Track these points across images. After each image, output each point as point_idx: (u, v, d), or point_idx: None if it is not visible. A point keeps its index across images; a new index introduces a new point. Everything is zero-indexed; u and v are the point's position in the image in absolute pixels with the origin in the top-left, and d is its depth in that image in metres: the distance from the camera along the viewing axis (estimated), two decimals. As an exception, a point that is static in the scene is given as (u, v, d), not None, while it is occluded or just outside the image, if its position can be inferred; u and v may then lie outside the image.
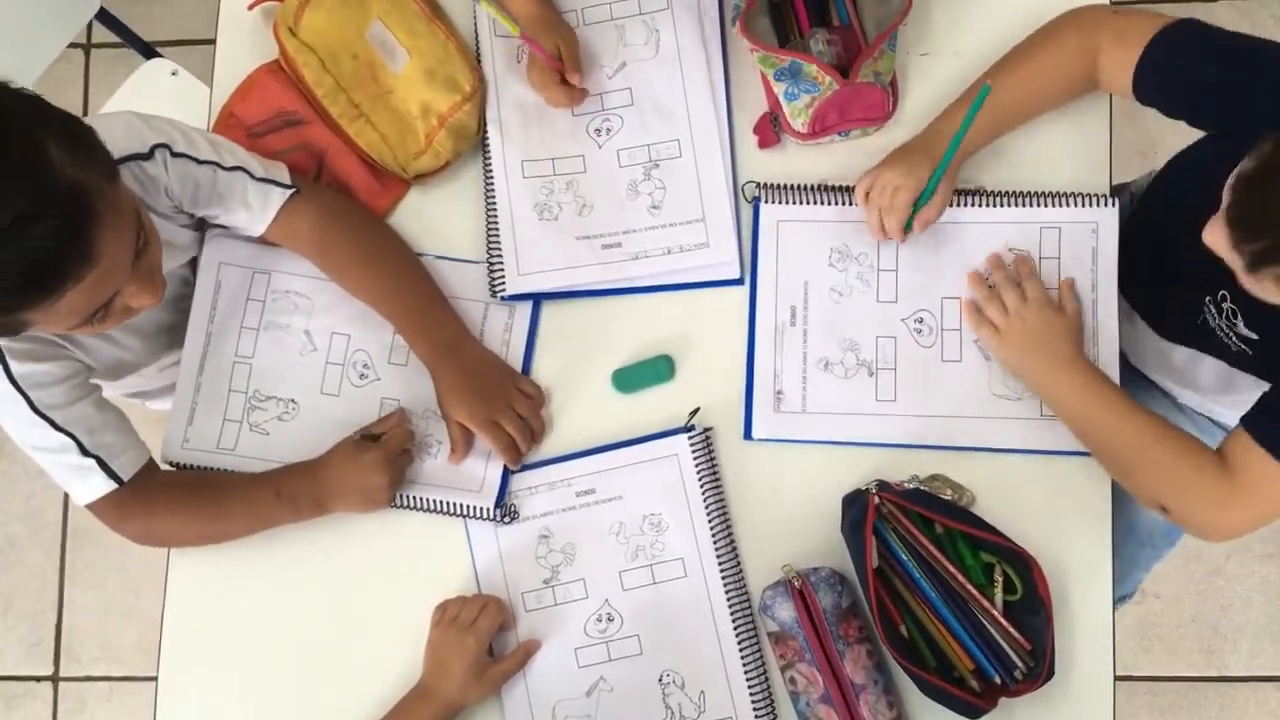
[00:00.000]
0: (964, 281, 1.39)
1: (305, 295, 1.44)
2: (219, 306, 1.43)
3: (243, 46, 1.51)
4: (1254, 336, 1.30)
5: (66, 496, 2.33)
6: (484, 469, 1.39)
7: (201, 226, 1.42)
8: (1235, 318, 1.31)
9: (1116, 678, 1.36)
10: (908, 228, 1.37)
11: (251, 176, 1.34)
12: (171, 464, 1.42)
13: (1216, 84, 1.24)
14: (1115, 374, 1.36)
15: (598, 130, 1.46)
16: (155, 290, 1.18)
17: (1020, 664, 1.27)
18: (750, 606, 1.36)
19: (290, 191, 1.36)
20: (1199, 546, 2.19)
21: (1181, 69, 1.27)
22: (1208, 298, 1.33)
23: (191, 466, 1.42)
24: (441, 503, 1.39)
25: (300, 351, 1.43)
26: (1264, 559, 2.24)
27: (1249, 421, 1.24)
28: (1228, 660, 2.23)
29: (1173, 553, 1.62)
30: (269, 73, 1.47)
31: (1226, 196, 1.06)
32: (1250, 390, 1.35)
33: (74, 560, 2.37)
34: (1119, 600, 1.41)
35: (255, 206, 1.34)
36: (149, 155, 1.26)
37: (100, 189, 1.06)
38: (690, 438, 1.38)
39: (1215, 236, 1.09)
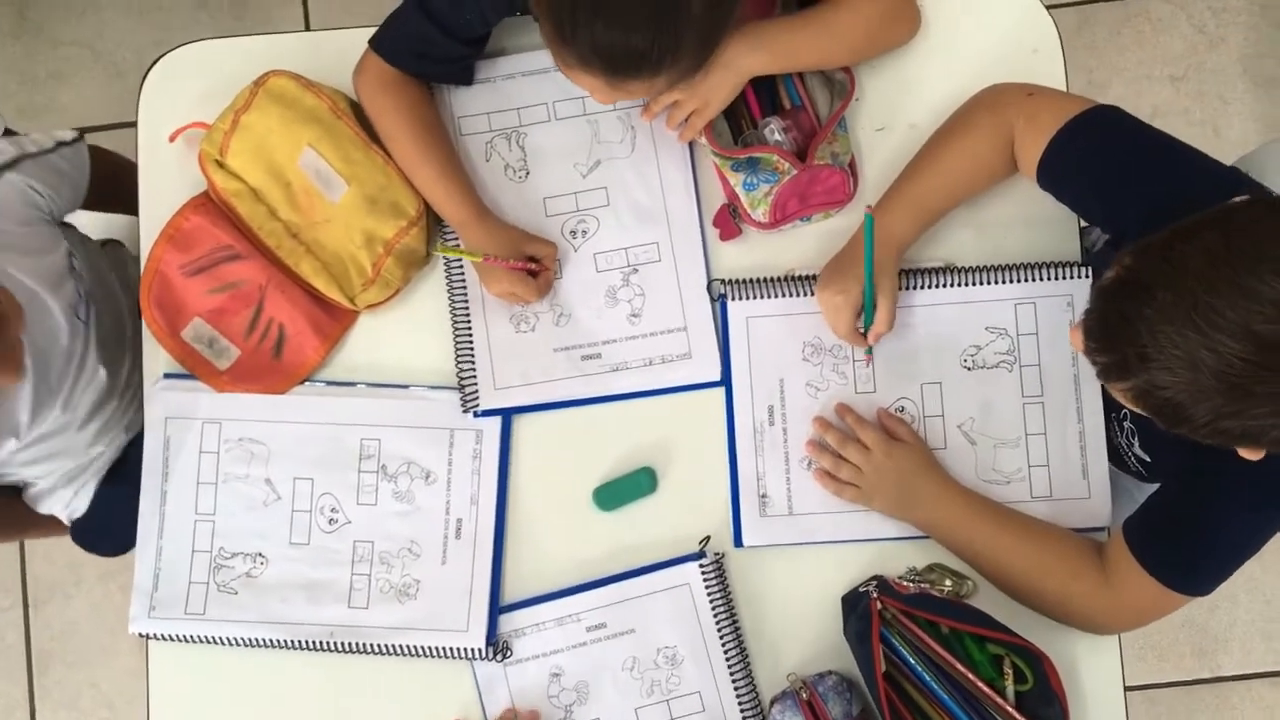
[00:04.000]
0: (945, 366, 1.36)
1: (260, 441, 1.37)
2: (171, 464, 1.36)
3: (168, 178, 1.42)
4: (1147, 459, 1.29)
5: (28, 617, 2.25)
6: (467, 607, 1.34)
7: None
8: (1133, 438, 1.30)
9: None
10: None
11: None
12: (142, 635, 1.35)
13: (1108, 188, 1.21)
14: (1102, 446, 1.34)
15: (573, 232, 1.40)
16: (12, 369, 1.15)
17: (1038, 758, 1.25)
18: (763, 724, 1.33)
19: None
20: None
21: (1081, 165, 1.24)
22: (1113, 414, 1.32)
23: (162, 636, 1.35)
24: (427, 648, 1.34)
25: (264, 501, 1.37)
26: (1247, 559, 2.25)
27: (1127, 531, 1.24)
28: (1220, 661, 2.24)
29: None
30: (199, 207, 1.39)
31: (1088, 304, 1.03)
32: None
33: (43, 682, 2.29)
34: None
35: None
36: None
37: None
38: (702, 565, 1.33)
39: (1076, 342, 1.06)
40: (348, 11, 2.37)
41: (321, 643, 1.34)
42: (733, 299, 1.38)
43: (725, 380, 1.37)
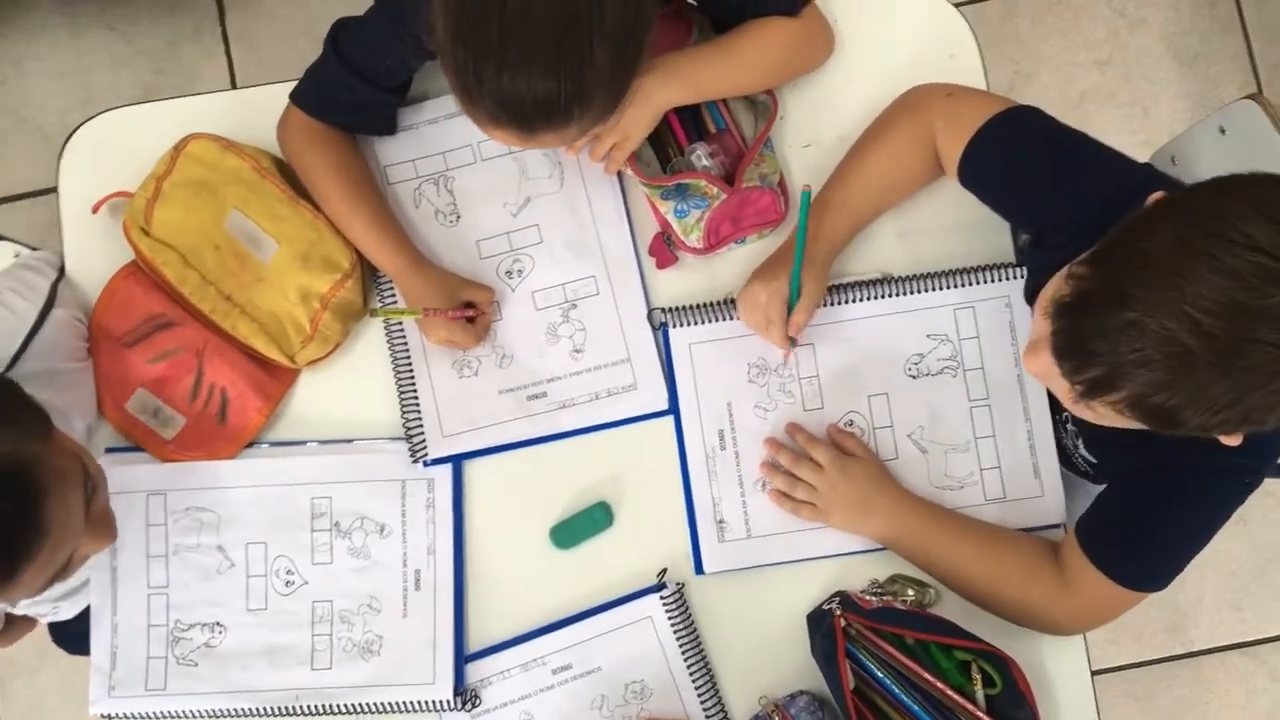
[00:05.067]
0: (890, 376, 1.36)
1: (208, 509, 1.35)
2: (119, 540, 1.33)
3: (95, 248, 1.40)
4: (1093, 460, 1.30)
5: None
6: (432, 658, 1.33)
7: None
8: (1077, 439, 1.31)
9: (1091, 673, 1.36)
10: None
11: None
12: (104, 716, 1.33)
13: (1026, 186, 1.22)
14: (1051, 444, 1.35)
15: (509, 272, 1.39)
16: (110, 533, 1.13)
17: (1012, 760, 1.25)
18: (739, 750, 1.32)
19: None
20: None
21: (1000, 164, 1.25)
22: (1056, 416, 1.33)
23: (124, 716, 1.33)
24: (395, 704, 1.32)
25: (217, 569, 1.35)
26: (1210, 532, 2.27)
27: (1079, 532, 1.25)
28: (1193, 635, 2.26)
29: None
30: (128, 276, 1.37)
31: (1046, 324, 1.02)
32: None
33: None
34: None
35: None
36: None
37: (38, 457, 0.99)
38: (663, 597, 1.33)
39: (1039, 365, 1.05)
40: (274, 65, 2.35)
41: (287, 708, 1.32)
42: (674, 326, 1.37)
43: (673, 408, 1.37)
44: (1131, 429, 1.06)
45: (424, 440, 1.36)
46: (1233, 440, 1.01)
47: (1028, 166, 1.23)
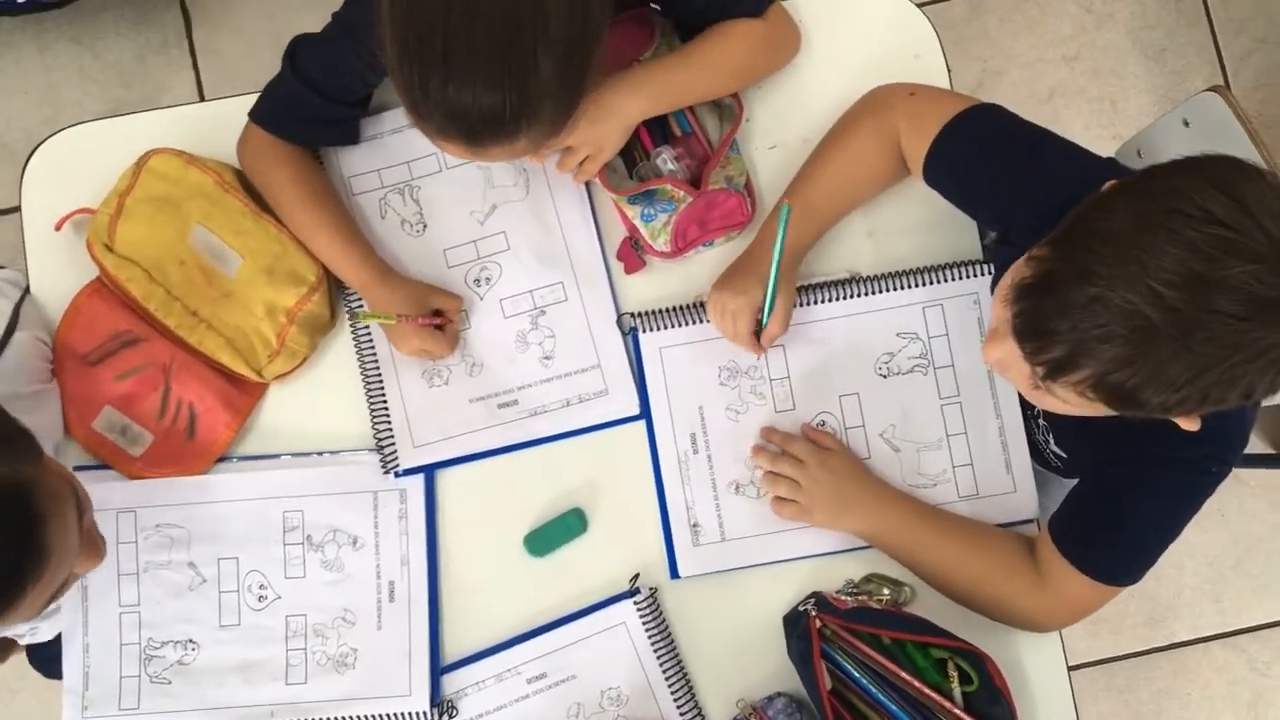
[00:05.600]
0: (861, 375, 1.36)
1: (179, 525, 1.34)
2: (90, 558, 1.33)
3: (59, 266, 1.39)
4: (1064, 455, 1.30)
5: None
6: (408, 670, 1.32)
7: None
8: (1048, 435, 1.31)
9: (1070, 668, 1.36)
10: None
11: None
12: (77, 737, 1.32)
13: (991, 183, 1.22)
14: (1022, 440, 1.35)
15: (476, 280, 1.39)
16: (100, 553, 1.12)
17: (990, 757, 1.25)
18: (718, 754, 1.32)
19: None
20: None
21: (964, 162, 1.25)
22: (1028, 412, 1.33)
23: (98, 735, 1.32)
24: (371, 717, 1.32)
25: (189, 586, 1.34)
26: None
27: (1053, 529, 1.25)
28: (1173, 627, 2.27)
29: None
30: (93, 293, 1.36)
31: (1006, 310, 1.02)
32: None
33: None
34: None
35: None
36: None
37: (34, 479, 0.98)
38: (636, 602, 1.32)
39: (998, 353, 1.06)
40: (242, 77, 2.34)
41: (262, 724, 1.31)
42: (644, 331, 1.37)
43: (645, 413, 1.37)
44: (1098, 421, 1.06)
45: (395, 451, 1.35)
46: (1191, 424, 1.01)
47: (991, 164, 1.23)
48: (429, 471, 1.36)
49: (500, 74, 1.05)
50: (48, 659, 1.46)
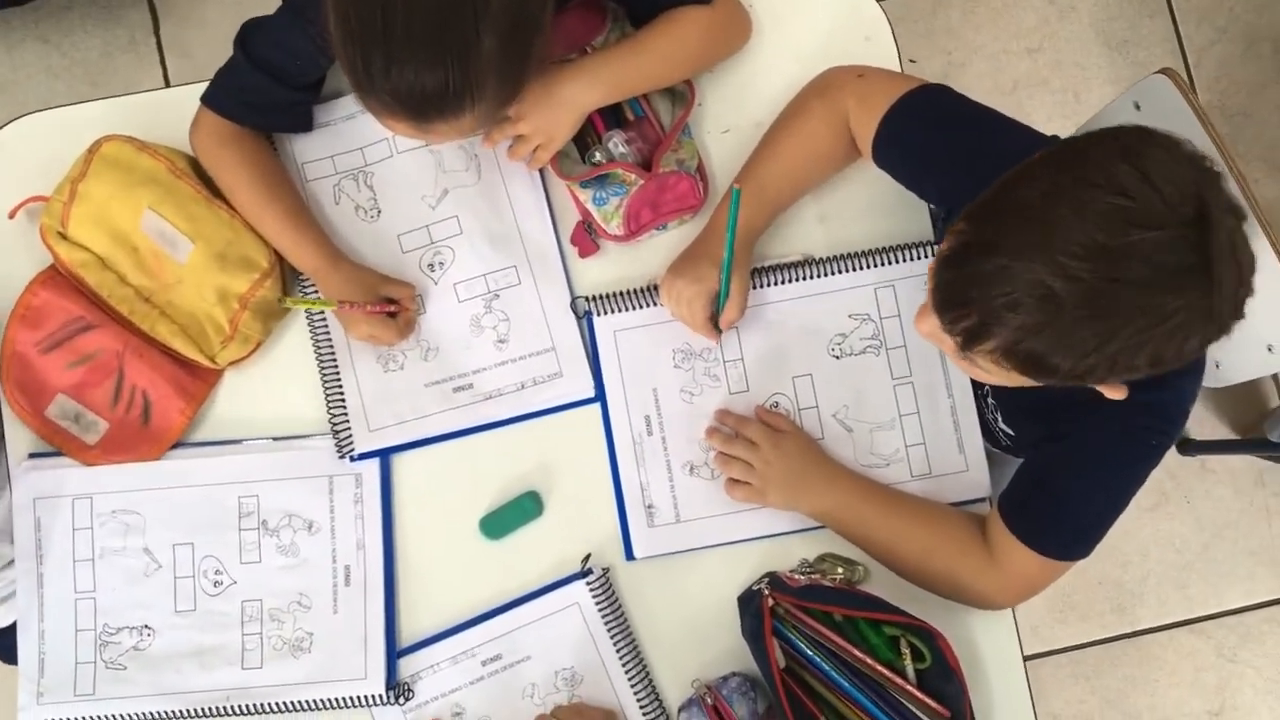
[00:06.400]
0: (814, 357, 1.37)
1: (134, 511, 1.34)
2: (44, 545, 1.33)
3: (13, 255, 1.39)
4: (1011, 432, 1.31)
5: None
6: (364, 653, 1.32)
7: None
8: (996, 412, 1.32)
9: (1025, 657, 1.37)
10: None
11: None
12: (32, 723, 1.32)
13: (938, 163, 1.24)
14: (974, 419, 1.36)
15: (430, 265, 1.39)
16: None
17: (944, 734, 1.26)
18: (674, 735, 1.32)
19: None
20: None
21: (912, 142, 1.26)
22: (978, 391, 1.34)
23: (55, 723, 1.32)
24: (328, 700, 1.32)
25: (144, 572, 1.34)
26: (1150, 511, 2.29)
27: (1001, 506, 1.26)
28: (1139, 614, 2.28)
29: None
30: (46, 281, 1.36)
31: (929, 283, 1.04)
32: None
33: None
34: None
35: None
36: None
37: None
38: (589, 583, 1.33)
39: (927, 326, 1.08)
40: (209, 72, 2.31)
41: (218, 708, 1.31)
42: (598, 314, 1.38)
43: (600, 396, 1.37)
44: (1040, 396, 1.07)
45: (350, 435, 1.35)
46: (1116, 393, 1.03)
47: (937, 142, 1.24)
48: (384, 456, 1.36)
49: (441, 52, 1.06)
50: (3, 646, 1.46)
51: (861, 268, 1.37)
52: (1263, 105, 2.38)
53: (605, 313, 1.38)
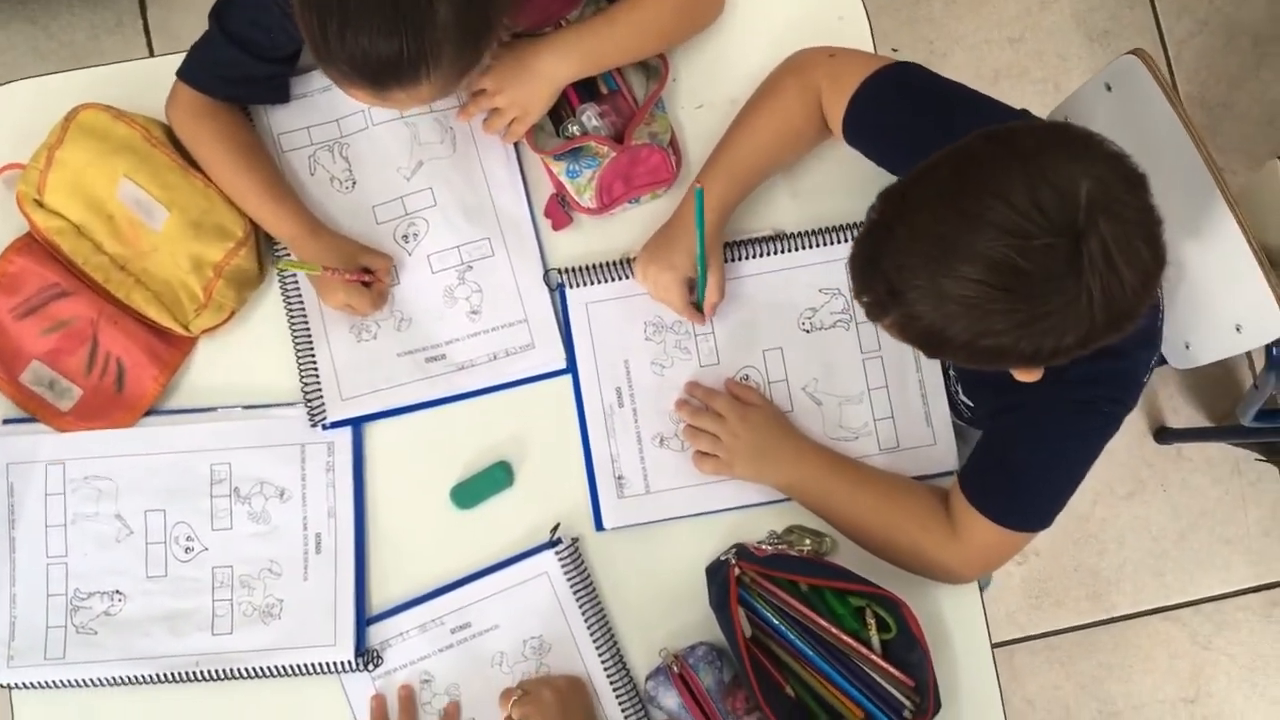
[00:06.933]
0: (784, 330, 1.38)
1: (106, 477, 1.35)
2: (16, 510, 1.34)
3: (-5, 222, 1.40)
4: (970, 404, 1.33)
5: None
6: (333, 620, 1.33)
7: None
8: (958, 384, 1.34)
9: (994, 645, 1.38)
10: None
11: None
12: (2, 686, 1.32)
13: (907, 140, 1.24)
14: (942, 393, 1.37)
15: (404, 237, 1.40)
16: None
17: (907, 703, 1.27)
18: (642, 704, 1.33)
19: None
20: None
21: (881, 119, 1.28)
22: (939, 363, 1.35)
23: (24, 685, 1.32)
24: (297, 666, 1.32)
25: (116, 538, 1.35)
26: (1127, 499, 2.31)
27: (962, 479, 1.28)
28: (1115, 601, 2.29)
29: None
30: (22, 248, 1.37)
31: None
32: None
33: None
34: (984, 585, 1.42)
35: None
36: None
37: None
38: (558, 552, 1.34)
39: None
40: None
41: (188, 673, 1.32)
42: (571, 286, 1.39)
43: (571, 367, 1.38)
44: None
45: (322, 404, 1.36)
46: (1028, 376, 1.07)
47: (906, 119, 1.25)
48: (356, 425, 1.37)
49: (396, 20, 1.07)
50: None
51: (832, 243, 1.38)
52: (1242, 98, 2.39)
53: (578, 285, 1.39)
